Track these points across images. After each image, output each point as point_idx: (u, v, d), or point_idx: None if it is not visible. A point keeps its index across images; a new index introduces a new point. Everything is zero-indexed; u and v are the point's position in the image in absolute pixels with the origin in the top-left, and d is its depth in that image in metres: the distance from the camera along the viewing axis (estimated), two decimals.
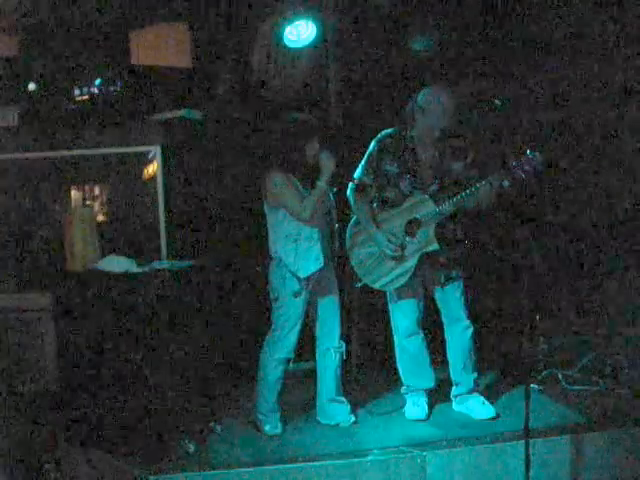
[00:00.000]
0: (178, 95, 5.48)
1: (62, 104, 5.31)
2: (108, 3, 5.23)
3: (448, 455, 3.94)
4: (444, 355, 4.47)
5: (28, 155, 5.21)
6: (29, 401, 4.60)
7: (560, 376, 4.79)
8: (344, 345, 4.36)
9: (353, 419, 4.37)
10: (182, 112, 5.33)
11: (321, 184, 4.08)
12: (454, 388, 4.49)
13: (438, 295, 4.37)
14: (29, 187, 5.24)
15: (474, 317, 4.40)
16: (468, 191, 4.09)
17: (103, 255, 4.54)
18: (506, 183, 4.01)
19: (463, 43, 5.44)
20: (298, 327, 4.21)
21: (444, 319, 4.41)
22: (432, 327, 4.47)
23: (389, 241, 4.21)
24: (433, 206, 4.16)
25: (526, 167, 3.96)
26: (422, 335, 4.44)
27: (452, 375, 4.47)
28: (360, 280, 4.37)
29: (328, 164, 4.08)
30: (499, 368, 4.98)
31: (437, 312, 4.42)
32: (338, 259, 4.37)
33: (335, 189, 4.28)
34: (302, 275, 4.14)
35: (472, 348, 4.39)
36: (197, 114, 5.38)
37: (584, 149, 5.25)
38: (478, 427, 4.23)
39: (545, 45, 5.32)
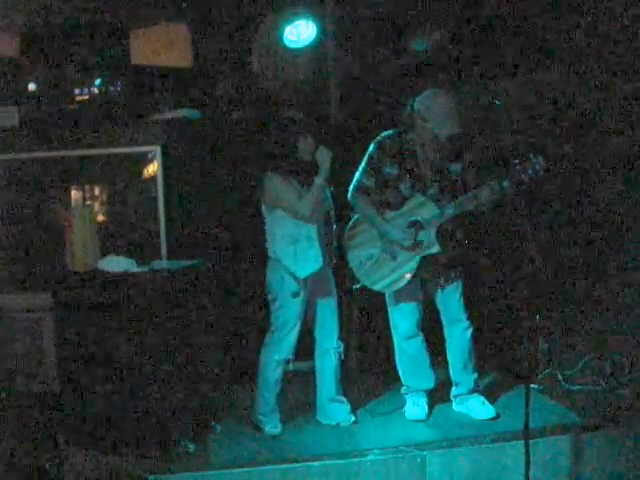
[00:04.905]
0: (178, 95, 5.48)
1: (62, 104, 5.30)
2: (109, 3, 5.23)
3: (448, 455, 3.94)
4: (444, 355, 4.47)
5: (28, 155, 5.21)
6: (29, 401, 4.60)
7: (560, 376, 4.79)
8: (343, 345, 4.37)
9: (353, 419, 4.37)
10: (182, 112, 5.33)
11: (319, 181, 4.08)
12: (454, 388, 4.49)
13: (437, 296, 4.37)
14: (29, 187, 5.23)
15: (474, 317, 4.40)
16: (471, 194, 4.08)
17: (103, 255, 4.53)
18: (507, 184, 4.01)
19: (463, 43, 5.44)
20: (297, 328, 4.22)
21: (444, 320, 4.41)
22: (432, 327, 4.47)
23: (404, 232, 4.19)
24: (435, 208, 4.16)
25: (529, 170, 3.95)
26: (422, 336, 4.44)
27: (452, 375, 4.47)
28: (358, 282, 4.37)
29: (325, 161, 4.08)
30: (499, 368, 4.98)
31: (437, 312, 4.42)
32: (336, 260, 4.37)
33: (332, 188, 4.28)
34: (301, 275, 4.14)
35: (472, 348, 4.39)
36: (197, 114, 5.38)
37: (586, 150, 5.24)
38: (478, 427, 4.24)
39: (546, 45, 5.32)
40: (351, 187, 4.33)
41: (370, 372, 4.98)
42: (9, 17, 5.12)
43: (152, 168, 5.21)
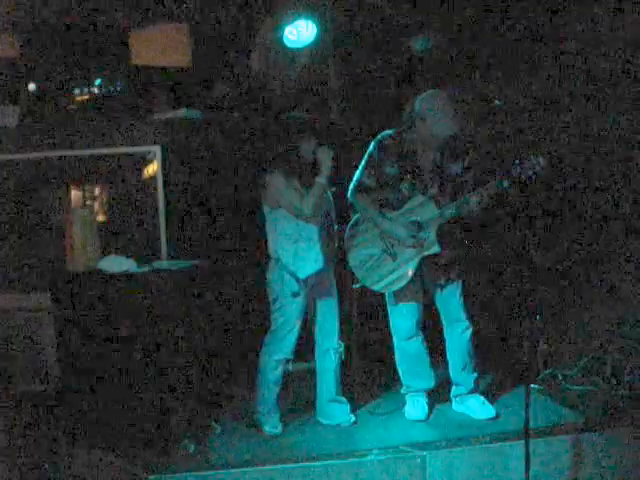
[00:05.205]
0: (178, 95, 5.48)
1: (62, 104, 5.31)
2: (108, 3, 5.23)
3: (448, 455, 3.94)
4: (444, 355, 4.47)
5: (28, 155, 5.21)
6: (29, 401, 4.60)
7: (560, 376, 4.79)
8: (343, 345, 4.37)
9: (353, 419, 4.37)
10: (182, 112, 5.33)
11: (321, 180, 4.08)
12: (454, 388, 4.49)
13: (437, 296, 4.37)
14: (29, 187, 5.24)
15: (474, 317, 4.40)
16: (470, 195, 4.08)
17: (103, 255, 4.54)
18: (506, 183, 4.00)
19: (463, 43, 5.44)
20: (297, 328, 4.21)
21: (444, 320, 4.40)
22: (432, 327, 4.47)
23: (407, 229, 4.19)
24: (434, 208, 4.16)
25: (529, 170, 3.95)
26: (422, 337, 4.44)
27: (452, 375, 4.47)
28: (358, 281, 4.37)
29: (326, 160, 4.08)
30: (499, 368, 4.98)
31: (437, 312, 4.42)
32: (337, 260, 4.37)
33: (334, 189, 4.28)
34: (301, 276, 4.14)
35: (472, 348, 4.39)
36: (197, 114, 5.38)
37: (589, 151, 5.24)
38: (478, 427, 4.23)
39: (547, 45, 5.31)
40: (351, 186, 4.33)
41: (370, 372, 4.98)
42: (9, 17, 5.13)
43: (152, 168, 5.22)
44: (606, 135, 5.17)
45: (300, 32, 5.30)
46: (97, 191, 5.34)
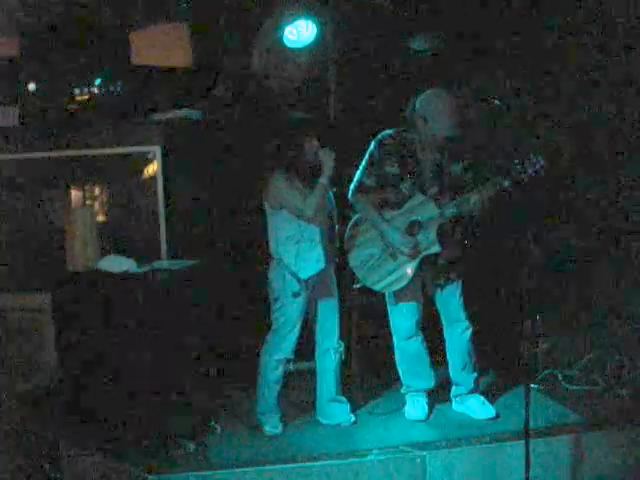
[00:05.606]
0: (178, 95, 5.48)
1: (62, 104, 5.31)
2: (108, 3, 5.23)
3: (448, 455, 3.94)
4: (444, 355, 4.47)
5: (28, 155, 5.21)
6: (29, 401, 4.60)
7: (560, 376, 4.79)
8: (343, 345, 4.37)
9: (353, 419, 4.37)
10: (182, 112, 5.33)
11: (323, 181, 4.08)
12: (454, 388, 4.49)
13: (437, 296, 4.37)
14: (29, 187, 5.24)
15: (474, 317, 4.40)
16: (470, 194, 4.08)
17: (103, 255, 4.54)
18: (506, 183, 4.01)
19: (463, 43, 5.44)
20: (298, 327, 4.22)
21: (443, 320, 4.41)
22: (432, 327, 4.47)
23: (404, 239, 4.19)
24: (434, 208, 4.16)
25: (529, 170, 3.95)
26: (422, 336, 4.44)
27: (452, 375, 4.47)
28: (359, 281, 4.37)
29: (329, 161, 4.08)
30: (499, 368, 4.98)
31: (437, 312, 4.42)
32: (338, 260, 4.37)
33: (335, 189, 4.28)
34: (302, 276, 4.14)
35: (472, 348, 4.39)
36: (197, 114, 5.38)
37: (589, 151, 5.24)
38: (478, 427, 4.24)
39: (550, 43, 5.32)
40: (352, 187, 4.33)
41: (370, 372, 4.98)
42: (9, 17, 5.13)
43: (152, 168, 5.21)
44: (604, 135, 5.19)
45: (300, 32, 5.30)
46: (97, 191, 5.34)
